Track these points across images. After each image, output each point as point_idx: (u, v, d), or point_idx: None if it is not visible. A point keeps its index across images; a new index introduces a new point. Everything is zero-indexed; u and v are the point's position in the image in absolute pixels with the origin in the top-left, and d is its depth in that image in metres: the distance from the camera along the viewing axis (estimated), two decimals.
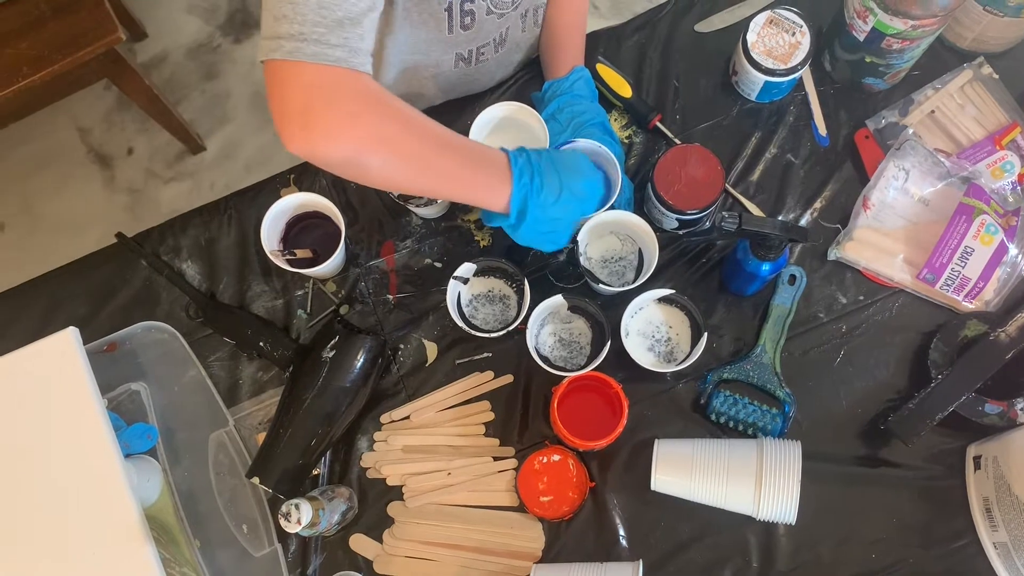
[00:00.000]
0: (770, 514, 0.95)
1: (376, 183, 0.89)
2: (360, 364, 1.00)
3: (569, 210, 0.93)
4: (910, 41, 1.00)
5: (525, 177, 0.89)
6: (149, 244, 1.13)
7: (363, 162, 0.80)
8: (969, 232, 1.03)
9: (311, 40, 0.74)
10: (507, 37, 1.09)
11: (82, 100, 2.15)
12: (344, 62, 0.76)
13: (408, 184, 0.89)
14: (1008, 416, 0.98)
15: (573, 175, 0.93)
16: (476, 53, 1.08)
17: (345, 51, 0.76)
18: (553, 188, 0.91)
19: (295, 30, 0.74)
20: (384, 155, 0.81)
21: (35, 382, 0.99)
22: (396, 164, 0.83)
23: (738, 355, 1.06)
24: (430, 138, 0.85)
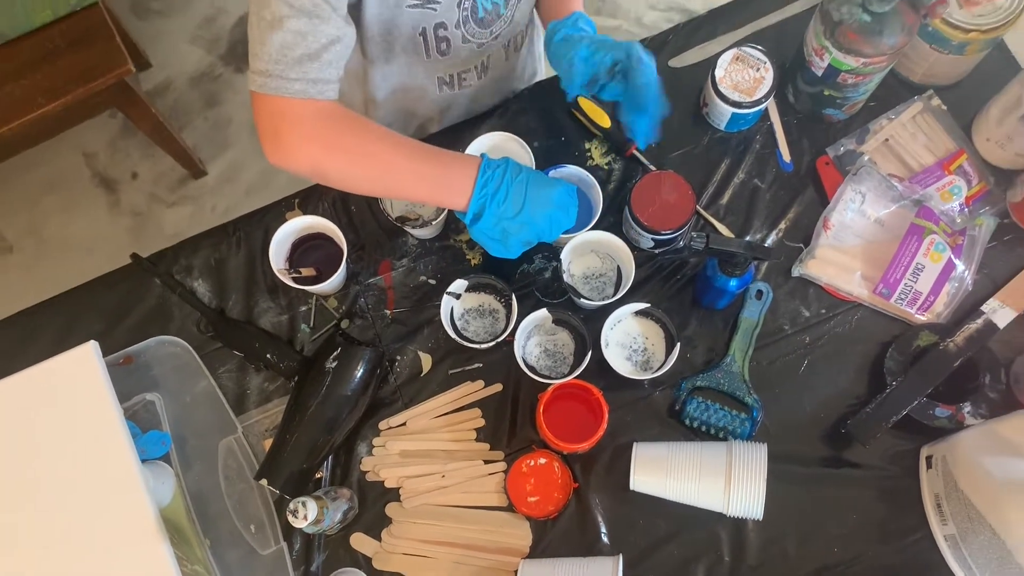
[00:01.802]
0: (739, 510, 1.02)
1: (343, 187, 1.01)
2: (360, 374, 1.07)
3: (523, 231, 0.99)
4: (863, 76, 1.09)
5: (490, 186, 0.97)
6: (163, 264, 1.20)
7: (323, 171, 0.96)
8: (920, 250, 1.11)
9: (274, 75, 0.89)
10: (490, 65, 1.18)
11: (88, 127, 2.22)
12: (302, 93, 0.90)
13: (372, 186, 1.02)
14: (956, 419, 1.06)
15: (540, 203, 0.99)
16: (458, 78, 1.17)
17: (303, 83, 0.90)
18: (515, 205, 0.98)
19: (262, 67, 0.89)
20: (341, 164, 0.96)
21: (59, 392, 1.05)
22: (355, 170, 0.97)
23: (710, 364, 1.13)
24: (390, 145, 0.97)
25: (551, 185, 1.01)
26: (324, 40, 0.89)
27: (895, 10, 1.00)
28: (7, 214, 2.19)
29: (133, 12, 2.32)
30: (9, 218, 2.19)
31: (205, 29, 2.33)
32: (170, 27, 2.33)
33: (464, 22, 1.06)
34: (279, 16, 0.87)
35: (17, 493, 1.02)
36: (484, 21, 1.08)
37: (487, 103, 1.26)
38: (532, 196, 0.99)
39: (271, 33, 0.87)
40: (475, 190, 0.97)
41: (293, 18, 0.87)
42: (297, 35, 0.88)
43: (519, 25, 1.16)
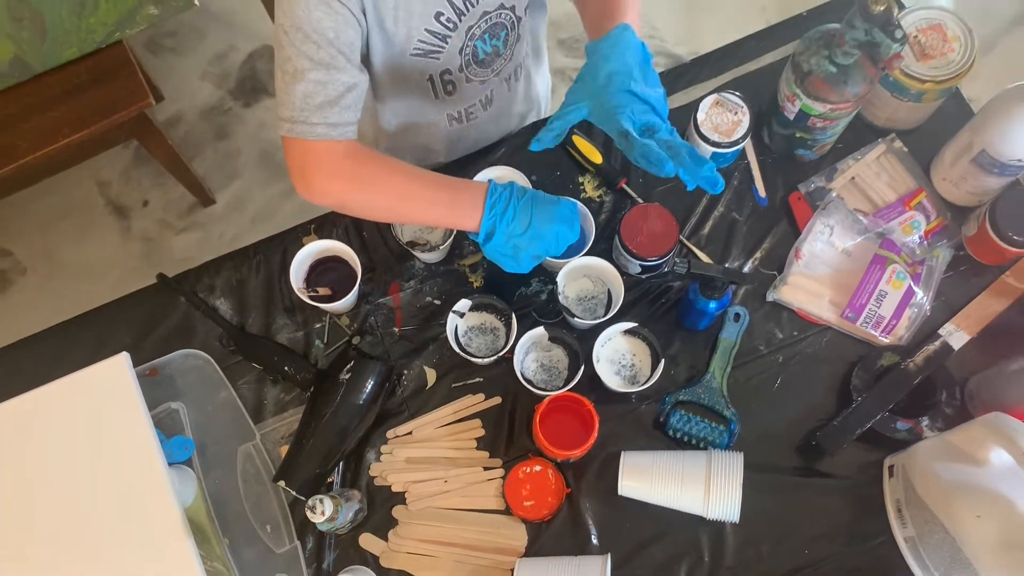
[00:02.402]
0: (718, 514, 1.11)
1: (364, 216, 1.13)
2: (371, 386, 1.16)
3: (532, 245, 1.08)
4: (830, 121, 1.21)
5: (498, 207, 1.07)
6: (187, 283, 1.29)
7: (346, 203, 1.08)
8: (883, 278, 1.22)
9: (299, 122, 1.01)
10: (493, 98, 1.29)
11: (102, 156, 2.30)
12: (324, 135, 1.02)
13: (390, 214, 1.14)
14: (915, 431, 1.15)
15: (546, 219, 1.08)
16: (466, 113, 1.28)
17: (324, 127, 1.01)
18: (523, 223, 1.07)
19: (288, 114, 1.01)
20: (361, 196, 1.07)
21: (93, 400, 1.13)
22: (374, 200, 1.08)
23: (692, 380, 1.22)
24: (403, 176, 1.08)
25: (554, 202, 1.09)
26: (341, 88, 1.01)
27: (857, 63, 1.12)
28: (23, 238, 2.28)
29: (148, 49, 2.43)
30: (25, 242, 2.28)
31: (215, 65, 2.44)
32: (182, 63, 2.44)
33: (466, 65, 1.18)
34: (300, 69, 0.98)
35: (55, 491, 1.10)
36: (484, 62, 1.19)
37: (493, 132, 1.37)
38: (538, 213, 1.07)
39: (294, 84, 0.99)
40: (485, 212, 1.06)
41: (313, 70, 0.98)
42: (317, 85, 0.99)
43: (518, 59, 1.27)
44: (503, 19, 1.15)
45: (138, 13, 1.76)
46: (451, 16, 1.08)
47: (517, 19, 1.17)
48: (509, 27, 1.17)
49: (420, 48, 1.10)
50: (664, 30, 2.45)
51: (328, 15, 0.97)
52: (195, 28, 2.46)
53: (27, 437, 1.12)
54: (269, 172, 2.33)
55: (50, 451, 1.12)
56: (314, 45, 0.98)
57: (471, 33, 1.13)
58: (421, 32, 1.08)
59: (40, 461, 1.12)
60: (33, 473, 1.11)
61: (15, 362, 1.26)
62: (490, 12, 1.12)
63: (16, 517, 1.10)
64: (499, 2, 1.12)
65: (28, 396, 1.13)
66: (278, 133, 1.04)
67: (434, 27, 1.08)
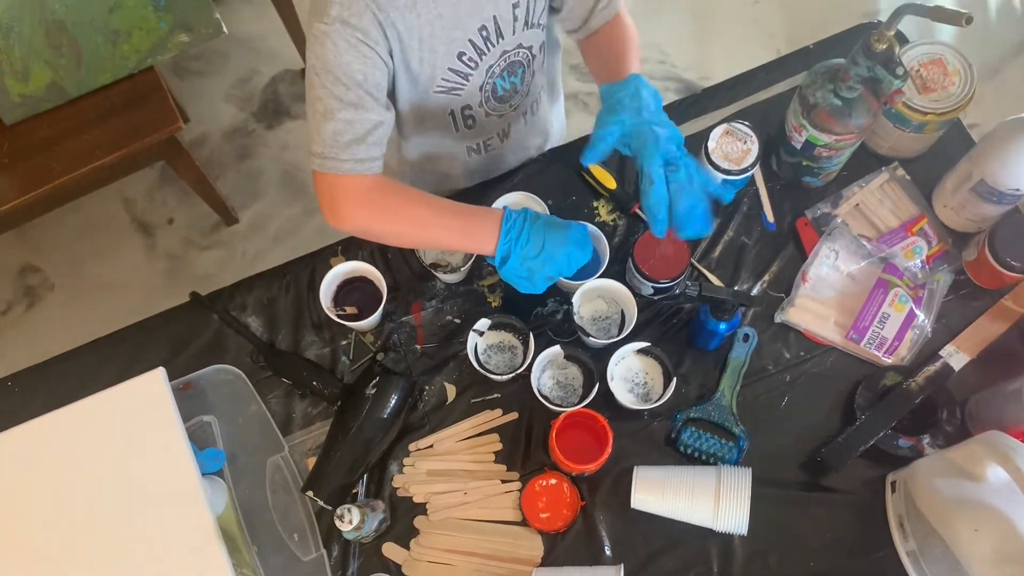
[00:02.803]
0: (726, 526, 1.15)
1: (390, 243, 1.20)
2: (394, 401, 1.21)
3: (545, 267, 1.13)
4: (836, 150, 1.26)
5: (513, 232, 1.13)
6: (220, 301, 1.35)
7: (372, 231, 1.15)
8: (886, 301, 1.27)
9: (329, 158, 1.08)
10: (510, 131, 1.36)
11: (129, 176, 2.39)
12: (352, 170, 1.09)
13: (413, 240, 1.20)
14: (917, 448, 1.20)
15: (558, 242, 1.13)
16: (484, 145, 1.35)
17: (352, 163, 1.08)
18: (536, 246, 1.13)
19: (319, 151, 1.08)
20: (387, 225, 1.13)
21: (130, 412, 1.18)
22: (398, 229, 1.14)
23: (702, 398, 1.27)
24: (425, 205, 1.15)
25: (566, 226, 1.15)
26: (368, 126, 1.07)
27: (861, 97, 1.17)
28: (52, 255, 2.35)
29: (174, 72, 2.51)
30: (53, 258, 2.35)
31: (239, 88, 2.51)
32: (207, 86, 2.52)
33: (486, 101, 1.24)
34: (330, 109, 1.05)
35: (95, 499, 1.15)
36: (503, 98, 1.26)
37: (510, 162, 1.43)
38: (550, 237, 1.13)
39: (325, 123, 1.06)
40: (500, 237, 1.12)
41: (342, 110, 1.05)
42: (346, 124, 1.06)
43: (535, 94, 1.34)
44: (520, 57, 1.21)
45: (169, 40, 1.83)
46: (472, 56, 1.15)
47: (533, 57, 1.24)
48: (526, 65, 1.23)
49: (443, 86, 1.17)
50: (674, 56, 2.51)
51: (357, 59, 1.03)
52: (220, 52, 2.53)
53: (69, 447, 1.17)
54: (291, 192, 2.39)
55: (90, 461, 1.17)
56: (343, 87, 1.04)
57: (491, 71, 1.19)
58: (444, 71, 1.15)
59: (80, 470, 1.17)
60: (73, 482, 1.16)
61: (56, 375, 1.32)
62: (509, 51, 1.18)
63: (56, 525, 1.14)
64: (517, 42, 1.18)
65: (69, 408, 1.18)
66: (310, 167, 1.11)
67: (457, 66, 1.15)
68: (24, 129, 1.82)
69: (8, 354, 2.26)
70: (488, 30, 1.14)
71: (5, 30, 1.65)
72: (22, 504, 1.16)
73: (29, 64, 1.72)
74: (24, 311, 2.30)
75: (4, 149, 1.80)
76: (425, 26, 1.08)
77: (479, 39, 1.14)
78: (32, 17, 1.66)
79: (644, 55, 2.44)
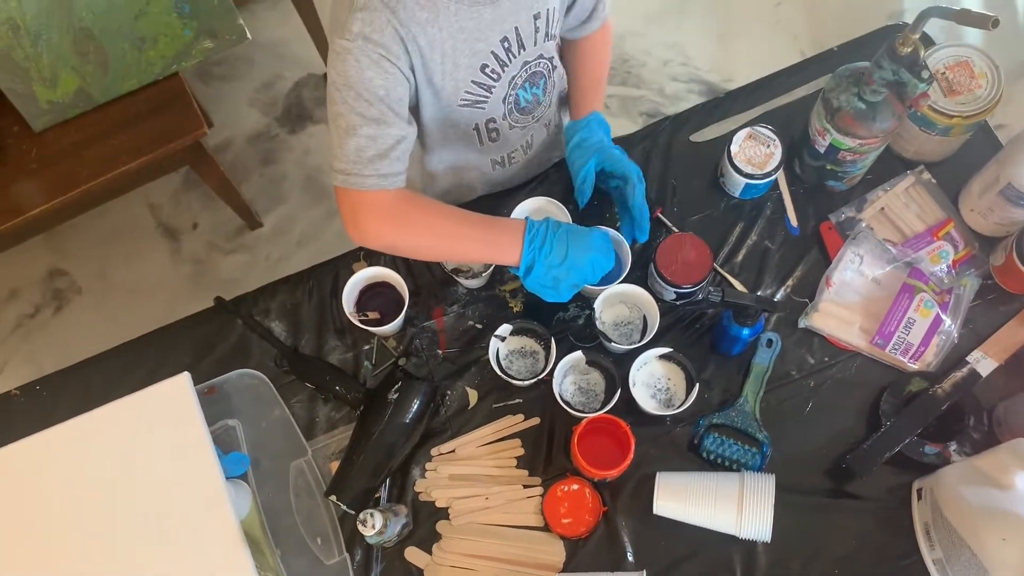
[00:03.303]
0: (750, 534, 1.15)
1: (414, 257, 1.20)
2: (417, 405, 1.22)
3: (570, 275, 1.14)
4: (860, 154, 1.25)
5: (536, 242, 1.13)
6: (244, 306, 1.36)
7: (396, 246, 1.15)
8: (911, 306, 1.25)
9: (352, 174, 1.08)
10: (533, 142, 1.36)
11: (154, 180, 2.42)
12: (376, 186, 1.08)
13: (438, 253, 1.21)
14: (943, 456, 1.19)
15: (581, 249, 1.14)
16: (507, 158, 1.35)
17: (376, 178, 1.08)
18: (560, 254, 1.13)
19: (342, 167, 1.08)
20: (410, 240, 1.14)
21: (156, 416, 1.20)
22: (422, 242, 1.15)
23: (725, 404, 1.26)
24: (448, 218, 1.15)
25: (588, 233, 1.16)
26: (391, 141, 1.07)
27: (886, 100, 1.16)
28: (79, 258, 2.38)
29: (199, 77, 2.53)
30: (80, 262, 2.38)
31: (263, 93, 2.53)
32: (231, 91, 2.54)
33: (509, 113, 1.24)
34: (353, 125, 1.05)
35: (120, 502, 1.16)
36: (526, 110, 1.26)
37: (533, 171, 1.44)
38: (573, 244, 1.13)
39: (347, 139, 1.06)
40: (524, 247, 1.13)
41: (364, 126, 1.05)
42: (368, 140, 1.06)
43: (555, 103, 1.34)
44: (541, 68, 1.22)
45: (194, 47, 1.85)
46: (495, 68, 1.15)
47: (553, 68, 1.25)
48: (547, 75, 1.24)
49: (467, 99, 1.17)
50: (697, 58, 2.50)
51: (379, 75, 1.03)
52: (244, 57, 2.55)
53: (95, 451, 1.19)
54: (313, 196, 2.41)
55: (116, 464, 1.18)
56: (366, 103, 1.04)
57: (513, 83, 1.20)
58: (468, 84, 1.15)
59: (106, 473, 1.18)
60: (99, 484, 1.18)
61: (83, 379, 1.34)
62: (530, 62, 1.19)
63: (82, 527, 1.16)
64: (538, 52, 1.19)
65: (96, 412, 1.20)
66: (332, 183, 1.11)
67: (480, 79, 1.15)
68: (52, 135, 1.84)
69: (37, 356, 2.29)
70: (510, 41, 1.14)
71: (33, 38, 1.67)
72: (49, 507, 1.17)
73: (57, 71, 1.75)
74: (52, 314, 2.33)
75: (32, 155, 1.83)
76: (447, 40, 1.08)
77: (501, 51, 1.15)
78: (60, 25, 1.68)
79: (667, 56, 2.48)
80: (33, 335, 2.31)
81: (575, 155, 1.27)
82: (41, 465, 1.19)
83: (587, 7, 1.26)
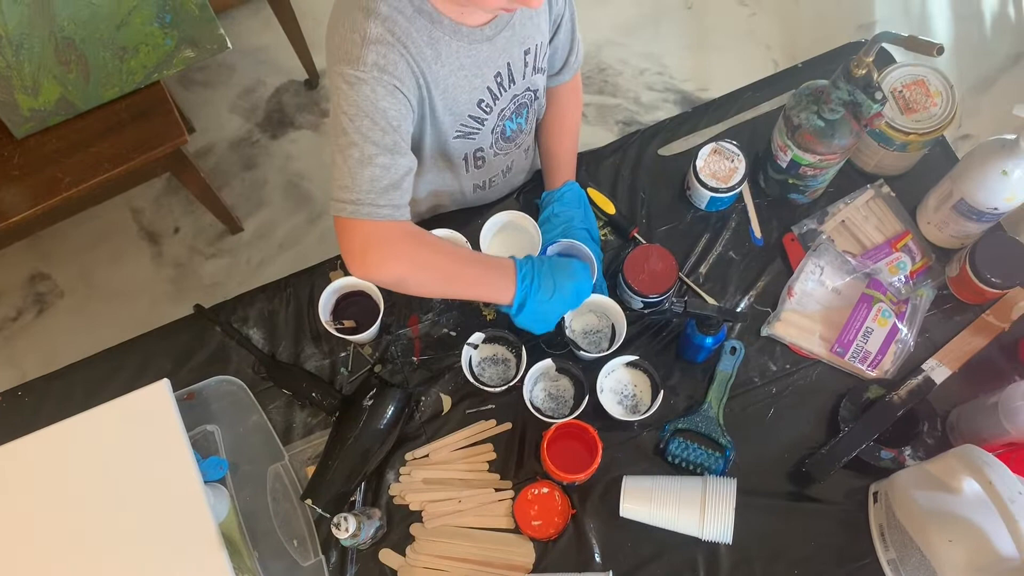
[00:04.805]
0: (712, 535, 1.19)
1: (416, 293, 1.17)
2: (391, 411, 1.25)
3: (559, 306, 1.17)
4: (820, 169, 1.29)
5: (527, 281, 1.15)
6: (223, 314, 1.39)
7: (404, 283, 1.11)
8: (869, 316, 1.30)
9: (365, 204, 1.05)
10: (513, 166, 1.40)
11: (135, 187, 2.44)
12: (390, 216, 1.07)
13: (439, 292, 1.22)
14: (898, 460, 1.23)
15: (566, 279, 1.17)
16: (489, 182, 1.39)
17: (389, 208, 1.06)
18: (548, 289, 1.16)
19: (354, 197, 1.05)
20: (418, 277, 1.11)
21: (136, 422, 1.22)
22: (428, 281, 1.13)
23: (690, 410, 1.30)
24: (452, 259, 1.15)
25: (568, 265, 1.19)
26: (403, 171, 1.08)
27: (843, 118, 1.21)
28: (61, 263, 2.39)
29: (180, 83, 2.55)
30: (62, 266, 2.39)
31: (244, 99, 2.56)
32: (212, 97, 2.56)
33: (496, 142, 1.28)
34: (368, 155, 1.04)
35: (101, 506, 1.19)
36: (510, 138, 1.30)
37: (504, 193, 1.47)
38: (559, 277, 1.16)
39: (361, 169, 1.04)
40: (518, 287, 1.15)
41: (380, 155, 1.04)
42: (383, 169, 1.05)
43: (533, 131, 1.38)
44: (526, 99, 1.26)
45: (175, 56, 1.87)
46: (488, 102, 1.19)
47: (536, 98, 1.29)
48: (530, 104, 1.28)
49: (461, 131, 1.21)
50: (672, 67, 2.55)
51: (393, 105, 1.05)
52: (225, 64, 2.58)
53: (77, 456, 1.21)
54: (294, 201, 2.43)
55: (97, 468, 1.21)
56: (380, 131, 1.04)
57: (502, 114, 1.24)
58: (464, 117, 1.19)
59: (88, 477, 1.21)
60: (82, 488, 1.20)
61: (67, 384, 1.36)
62: (518, 94, 1.23)
63: (63, 531, 1.18)
64: (526, 85, 1.23)
65: (79, 417, 1.22)
66: (335, 214, 1.06)
67: (475, 112, 1.19)
68: (34, 142, 1.86)
69: (19, 358, 2.30)
70: (502, 76, 1.18)
71: (16, 47, 1.69)
72: (31, 510, 1.19)
73: (39, 79, 1.76)
74: (34, 317, 2.35)
75: (15, 162, 1.85)
76: (449, 76, 1.11)
77: (495, 85, 1.18)
78: (42, 34, 1.70)
79: (643, 65, 2.52)
80: (16, 338, 2.33)
81: (545, 228, 1.34)
82: (23, 469, 1.21)
83: (561, 56, 1.30)
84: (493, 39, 1.13)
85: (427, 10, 1.06)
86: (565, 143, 1.39)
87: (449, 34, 1.08)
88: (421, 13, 1.05)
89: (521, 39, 1.17)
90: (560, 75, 1.34)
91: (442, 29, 1.07)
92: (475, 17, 1.10)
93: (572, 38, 1.29)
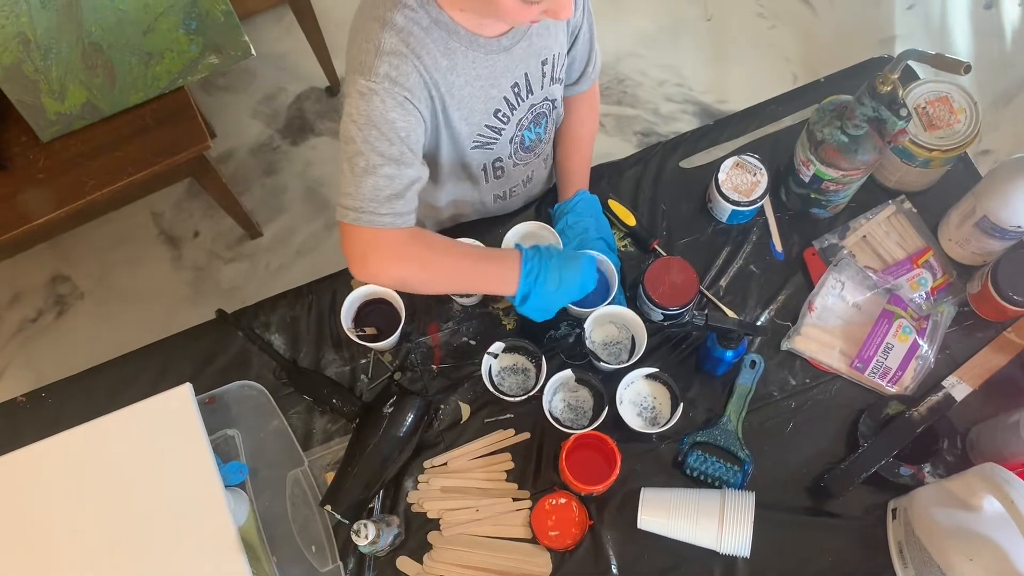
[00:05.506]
0: (730, 549, 1.19)
1: (420, 292, 1.20)
2: (411, 419, 1.25)
3: (563, 297, 1.19)
4: (843, 184, 1.30)
5: (532, 274, 1.17)
6: (245, 319, 1.40)
7: (406, 282, 1.16)
8: (890, 331, 1.30)
9: (367, 212, 1.08)
10: (533, 176, 1.41)
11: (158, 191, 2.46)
12: (390, 224, 1.09)
13: (444, 289, 1.24)
14: (917, 477, 1.23)
15: (572, 271, 1.18)
16: (509, 192, 1.40)
17: (391, 216, 1.09)
18: (554, 280, 1.17)
19: (356, 205, 1.08)
20: (420, 277, 1.15)
21: (159, 425, 1.23)
22: (432, 280, 1.17)
23: (709, 423, 1.30)
24: (456, 257, 1.18)
25: (575, 258, 1.20)
26: (408, 181, 1.10)
27: (867, 134, 1.21)
28: (81, 265, 2.41)
29: (202, 88, 2.57)
30: (83, 269, 2.41)
31: (265, 105, 2.58)
32: (234, 102, 2.58)
33: (515, 152, 1.29)
34: (373, 164, 1.06)
35: (122, 508, 1.20)
36: (529, 148, 1.30)
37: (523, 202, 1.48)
38: (565, 271, 1.18)
39: (365, 178, 1.07)
40: (521, 279, 1.17)
41: (385, 165, 1.06)
42: (387, 179, 1.07)
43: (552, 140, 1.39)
44: (544, 109, 1.27)
45: (200, 62, 1.89)
46: (506, 112, 1.20)
47: (554, 108, 1.30)
48: (548, 114, 1.29)
49: (478, 141, 1.22)
50: (691, 79, 2.55)
51: (402, 116, 1.06)
52: (247, 70, 2.60)
53: (99, 458, 1.22)
54: (314, 207, 2.45)
55: (118, 471, 1.22)
56: (387, 142, 1.06)
57: (520, 124, 1.25)
58: (481, 128, 1.20)
59: (109, 480, 1.22)
60: (102, 491, 1.21)
61: (89, 386, 1.38)
62: (536, 104, 1.24)
63: (84, 533, 1.19)
64: (544, 95, 1.24)
65: (102, 420, 1.23)
66: (339, 219, 1.11)
67: (492, 123, 1.20)
68: (59, 146, 1.88)
69: (37, 359, 2.32)
70: (520, 86, 1.19)
71: (44, 51, 1.71)
72: (52, 512, 1.21)
73: (65, 84, 1.79)
74: (54, 319, 2.37)
75: (40, 165, 1.87)
76: (464, 87, 1.12)
77: (512, 96, 1.19)
78: (70, 39, 1.72)
79: (662, 77, 2.53)
80: (36, 338, 2.35)
81: (561, 240, 1.36)
82: (45, 471, 1.22)
83: (578, 68, 1.31)
84: (510, 50, 1.14)
85: (444, 21, 1.07)
86: (579, 154, 1.40)
87: (466, 44, 1.09)
88: (438, 24, 1.07)
89: (538, 50, 1.18)
90: (577, 85, 1.35)
91: (458, 40, 1.09)
92: (492, 28, 1.11)
93: (590, 49, 1.30)
